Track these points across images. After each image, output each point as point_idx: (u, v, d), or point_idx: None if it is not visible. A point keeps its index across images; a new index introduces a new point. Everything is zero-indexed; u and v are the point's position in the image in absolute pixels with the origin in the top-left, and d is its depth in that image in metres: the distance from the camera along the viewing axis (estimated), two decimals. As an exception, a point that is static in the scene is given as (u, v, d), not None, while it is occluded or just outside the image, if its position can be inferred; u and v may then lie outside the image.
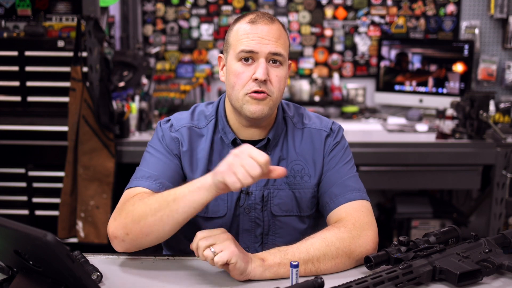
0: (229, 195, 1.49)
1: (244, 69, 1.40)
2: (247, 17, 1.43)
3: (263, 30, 1.39)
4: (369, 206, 1.45)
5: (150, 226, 1.28)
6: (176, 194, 1.27)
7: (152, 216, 1.28)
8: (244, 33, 1.40)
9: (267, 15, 1.43)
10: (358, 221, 1.38)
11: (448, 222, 3.24)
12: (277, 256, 1.26)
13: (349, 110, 3.63)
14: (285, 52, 1.42)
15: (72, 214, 2.83)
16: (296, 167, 1.51)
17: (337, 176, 1.49)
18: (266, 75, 1.38)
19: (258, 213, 1.49)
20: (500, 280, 1.25)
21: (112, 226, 1.33)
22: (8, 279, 1.18)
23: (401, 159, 2.95)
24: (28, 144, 2.92)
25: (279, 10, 3.75)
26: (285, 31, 1.46)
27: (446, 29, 3.70)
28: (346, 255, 1.30)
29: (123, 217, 1.32)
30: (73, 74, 2.76)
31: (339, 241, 1.31)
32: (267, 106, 1.41)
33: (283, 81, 1.43)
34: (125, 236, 1.31)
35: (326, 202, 1.47)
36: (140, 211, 1.30)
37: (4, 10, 2.93)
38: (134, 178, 1.46)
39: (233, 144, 1.49)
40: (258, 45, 1.38)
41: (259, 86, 1.39)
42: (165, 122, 1.54)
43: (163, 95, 3.56)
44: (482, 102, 2.88)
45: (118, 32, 3.62)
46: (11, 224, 0.99)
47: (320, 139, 1.53)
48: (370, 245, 1.35)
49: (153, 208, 1.28)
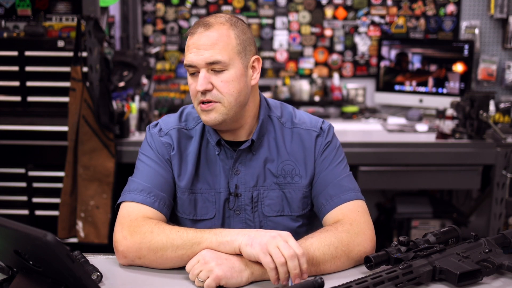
0: (217, 197, 1.49)
1: (192, 81, 1.42)
2: (191, 28, 1.43)
3: (199, 40, 1.38)
4: (364, 205, 1.45)
5: (167, 259, 1.29)
6: (202, 239, 1.26)
7: (172, 252, 1.28)
8: (186, 46, 1.41)
9: (204, 22, 1.40)
10: (355, 221, 1.38)
11: (448, 222, 3.24)
12: None
13: (349, 110, 3.63)
14: (226, 55, 1.38)
15: (72, 214, 2.83)
16: (286, 167, 1.50)
17: (331, 177, 1.48)
18: (205, 85, 1.37)
19: (249, 214, 1.49)
20: (500, 280, 1.25)
21: (123, 245, 1.32)
22: (8, 279, 1.18)
23: (401, 159, 2.95)
24: (28, 144, 2.92)
25: (279, 10, 3.75)
26: (230, 30, 1.40)
27: (446, 29, 3.70)
28: (345, 255, 1.31)
29: (137, 240, 1.31)
30: (73, 74, 2.76)
31: (338, 241, 1.31)
32: (218, 113, 1.40)
33: (232, 84, 1.39)
34: (136, 260, 1.32)
35: (322, 203, 1.46)
36: (160, 242, 1.29)
37: (4, 10, 2.93)
38: (127, 190, 1.45)
39: (217, 145, 1.49)
40: (195, 57, 1.38)
41: (204, 96, 1.39)
42: (154, 126, 1.54)
43: (163, 95, 3.56)
44: (482, 102, 2.87)
45: (118, 32, 3.62)
46: (11, 224, 0.99)
47: (310, 139, 1.51)
48: (369, 244, 1.35)
49: (175, 244, 1.28)
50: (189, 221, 1.51)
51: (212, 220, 1.50)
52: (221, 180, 1.49)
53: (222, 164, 1.49)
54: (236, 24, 1.42)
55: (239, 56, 1.41)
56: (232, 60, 1.39)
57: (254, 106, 1.49)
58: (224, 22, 1.40)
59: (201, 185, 1.50)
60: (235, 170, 1.48)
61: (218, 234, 1.26)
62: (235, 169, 1.48)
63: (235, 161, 1.48)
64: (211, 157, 1.50)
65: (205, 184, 1.50)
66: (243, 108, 1.44)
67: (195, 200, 1.50)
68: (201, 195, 1.50)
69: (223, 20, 1.41)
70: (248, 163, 1.49)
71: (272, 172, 1.49)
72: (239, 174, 1.48)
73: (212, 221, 1.50)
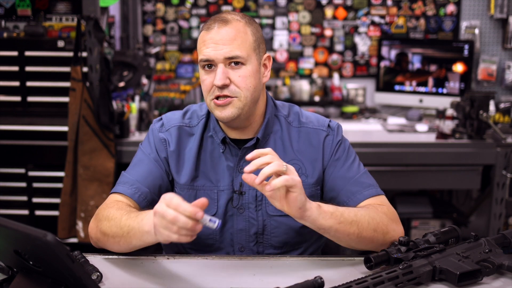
0: (219, 195, 1.50)
1: (207, 76, 1.43)
2: (205, 24, 1.44)
3: (217, 35, 1.39)
4: (387, 200, 1.48)
5: (112, 244, 1.37)
6: (129, 228, 1.29)
7: (112, 237, 1.35)
8: (202, 41, 1.42)
9: (221, 18, 1.42)
10: (389, 209, 1.42)
11: (448, 222, 3.24)
12: (330, 207, 1.28)
13: (349, 110, 3.63)
14: (244, 51, 1.40)
15: (72, 214, 2.83)
16: (293, 166, 1.50)
17: (349, 175, 1.49)
18: (225, 80, 1.39)
19: (252, 213, 1.50)
20: (500, 280, 1.25)
21: (90, 227, 1.45)
22: (8, 279, 1.18)
23: (401, 159, 2.95)
24: (28, 144, 2.92)
25: (279, 10, 3.75)
26: (246, 27, 1.42)
27: (446, 29, 3.70)
28: (383, 233, 1.34)
29: (96, 223, 1.41)
30: (73, 74, 2.76)
31: (379, 217, 1.35)
32: (235, 108, 1.41)
33: (249, 79, 1.41)
34: (96, 241, 1.42)
35: (343, 201, 1.48)
36: (105, 227, 1.36)
37: (4, 10, 2.93)
38: (117, 183, 1.52)
39: (222, 143, 1.50)
40: (213, 52, 1.39)
41: (220, 91, 1.40)
42: (157, 120, 1.58)
43: (163, 95, 3.56)
44: (482, 102, 2.87)
45: (118, 32, 3.62)
46: (11, 224, 0.99)
47: (318, 138, 1.53)
48: (401, 234, 1.38)
49: (113, 231, 1.34)
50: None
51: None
52: (225, 178, 1.50)
53: (226, 162, 1.50)
54: (251, 22, 1.45)
55: (254, 52, 1.43)
56: (249, 56, 1.42)
57: (262, 104, 1.52)
58: (240, 19, 1.43)
59: (203, 182, 1.51)
60: (240, 168, 1.49)
61: (140, 222, 1.26)
62: (240, 167, 1.49)
63: (239, 159, 1.49)
64: (215, 155, 1.51)
65: (208, 182, 1.51)
66: (255, 105, 1.47)
67: (195, 196, 1.50)
68: (204, 192, 1.50)
69: (239, 17, 1.43)
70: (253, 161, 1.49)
71: None
72: (243, 172, 1.48)
73: None
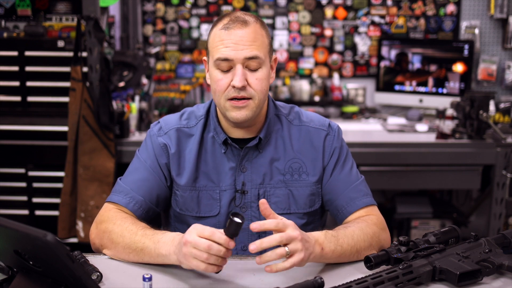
0: (221, 195, 1.50)
1: (222, 76, 1.41)
2: (221, 22, 1.42)
3: (237, 35, 1.38)
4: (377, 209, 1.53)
5: (121, 253, 1.36)
6: (144, 245, 1.30)
7: (122, 249, 1.34)
8: (219, 40, 1.40)
9: (240, 19, 1.41)
10: (379, 219, 1.46)
11: (448, 222, 3.24)
12: (332, 243, 1.29)
13: (349, 110, 3.63)
14: (262, 53, 1.40)
15: (72, 214, 2.83)
16: (294, 165, 1.52)
17: (348, 181, 1.52)
18: (244, 81, 1.38)
19: (254, 212, 1.50)
20: (500, 280, 1.25)
21: (93, 234, 1.45)
22: (8, 279, 1.18)
23: (401, 159, 2.95)
24: (28, 144, 2.92)
25: (279, 10, 3.75)
26: (262, 29, 1.43)
27: (446, 29, 3.70)
28: (377, 245, 1.38)
29: (101, 231, 1.41)
30: (73, 74, 2.76)
31: (372, 231, 1.38)
32: (250, 111, 1.41)
33: (264, 82, 1.42)
34: (101, 247, 1.42)
35: (342, 205, 1.50)
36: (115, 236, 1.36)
37: (4, 10, 2.93)
38: (112, 191, 1.52)
39: (224, 144, 1.50)
40: (233, 52, 1.38)
41: (238, 92, 1.39)
42: (155, 124, 1.57)
43: (163, 95, 3.56)
44: (482, 102, 2.87)
45: (118, 32, 3.62)
46: (11, 224, 1.00)
47: (319, 137, 1.54)
48: (388, 243, 1.43)
49: (125, 242, 1.34)
50: (192, 218, 1.51)
51: (216, 218, 1.51)
52: (227, 178, 1.50)
53: (228, 163, 1.50)
54: (264, 24, 1.46)
55: (269, 54, 1.45)
56: (266, 58, 1.43)
57: (266, 104, 1.53)
58: (256, 21, 1.43)
59: (205, 183, 1.51)
60: (242, 168, 1.49)
61: (156, 243, 1.28)
62: (242, 166, 1.49)
63: (242, 159, 1.49)
64: (217, 155, 1.51)
65: (209, 182, 1.51)
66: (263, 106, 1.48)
67: (198, 197, 1.50)
68: (206, 192, 1.51)
69: (255, 19, 1.43)
70: (254, 160, 1.50)
71: (279, 170, 1.51)
72: (245, 171, 1.50)
73: (216, 218, 1.51)
